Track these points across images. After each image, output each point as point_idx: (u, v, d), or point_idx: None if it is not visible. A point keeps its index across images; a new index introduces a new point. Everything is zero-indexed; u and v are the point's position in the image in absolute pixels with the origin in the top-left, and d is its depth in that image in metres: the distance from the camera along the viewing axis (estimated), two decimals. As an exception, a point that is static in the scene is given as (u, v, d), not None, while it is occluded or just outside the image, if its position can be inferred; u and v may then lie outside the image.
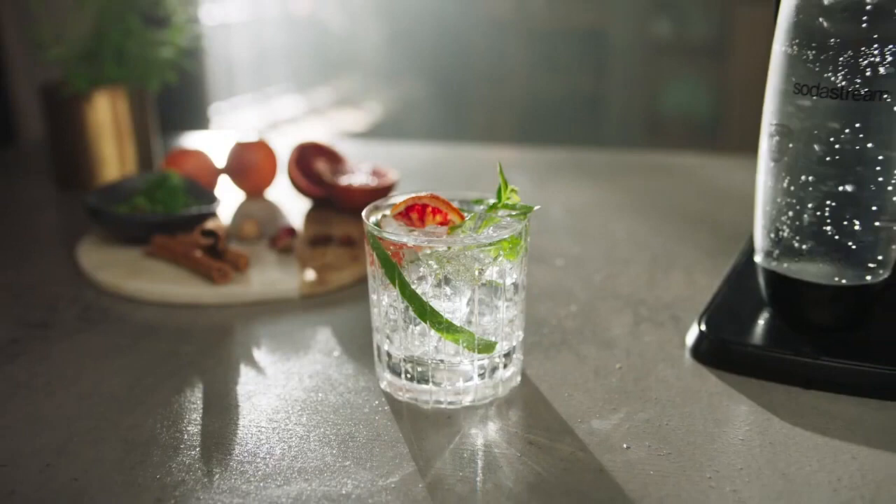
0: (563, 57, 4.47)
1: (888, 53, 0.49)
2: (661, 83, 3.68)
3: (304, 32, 4.31)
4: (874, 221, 0.53)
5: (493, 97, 3.98)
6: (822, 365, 0.54)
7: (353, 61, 4.59)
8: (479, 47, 4.67)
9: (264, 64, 3.90)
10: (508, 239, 0.51)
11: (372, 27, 4.47)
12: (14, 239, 0.86)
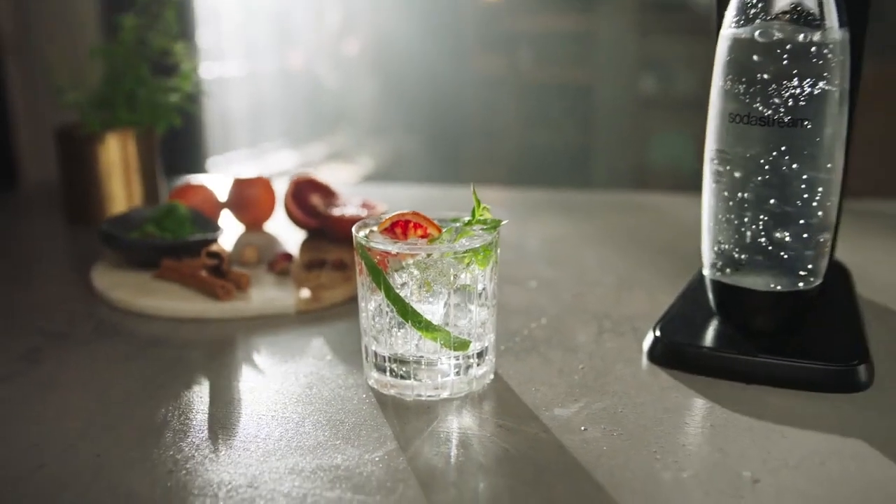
0: (552, 112, 4.59)
1: (806, 86, 0.57)
2: (648, 136, 3.79)
3: (299, 87, 4.42)
4: (803, 234, 0.60)
5: (485, 151, 4.08)
6: (761, 362, 0.61)
7: (347, 116, 4.70)
8: (471, 102, 4.79)
9: (260, 118, 4.00)
10: (480, 248, 0.58)
11: (366, 83, 4.59)
12: (31, 265, 0.93)
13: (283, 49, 4.21)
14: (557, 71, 4.60)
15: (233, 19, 3.68)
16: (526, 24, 4.57)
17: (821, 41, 0.57)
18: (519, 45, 4.65)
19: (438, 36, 4.47)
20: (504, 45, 4.66)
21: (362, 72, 4.58)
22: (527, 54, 4.69)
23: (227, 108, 3.53)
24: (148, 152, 1.08)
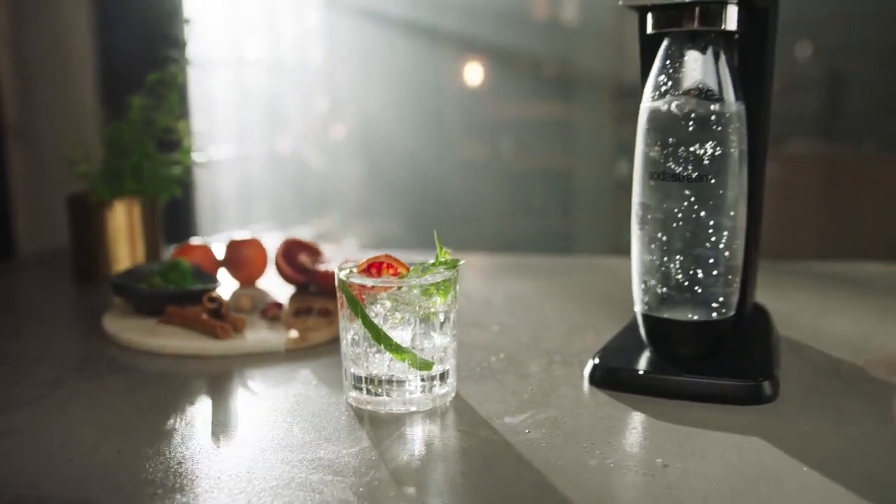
0: (533, 197, 4.76)
1: (709, 148, 0.69)
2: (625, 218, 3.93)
3: (287, 170, 4.58)
4: (713, 272, 0.72)
5: (467, 234, 4.22)
6: (684, 381, 0.72)
7: (333, 198, 4.85)
8: (453, 187, 4.95)
9: (249, 199, 4.15)
10: (441, 283, 0.69)
11: (351, 166, 4.75)
12: (45, 316, 1.03)
13: (273, 133, 4.38)
14: (538, 157, 4.79)
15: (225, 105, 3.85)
16: (507, 111, 4.77)
17: (720, 112, 0.70)
18: (500, 132, 4.85)
19: (422, 122, 4.66)
20: (486, 132, 4.86)
21: (348, 156, 4.75)
22: (508, 141, 4.88)
23: (217, 190, 3.67)
24: (151, 219, 1.20)
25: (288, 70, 4.46)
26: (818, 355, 0.84)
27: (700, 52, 0.71)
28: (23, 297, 1.18)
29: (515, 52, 4.71)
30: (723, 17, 0.70)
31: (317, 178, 4.67)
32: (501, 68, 4.73)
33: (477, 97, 4.86)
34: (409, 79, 4.59)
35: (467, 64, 4.78)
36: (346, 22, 4.61)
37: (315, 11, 4.61)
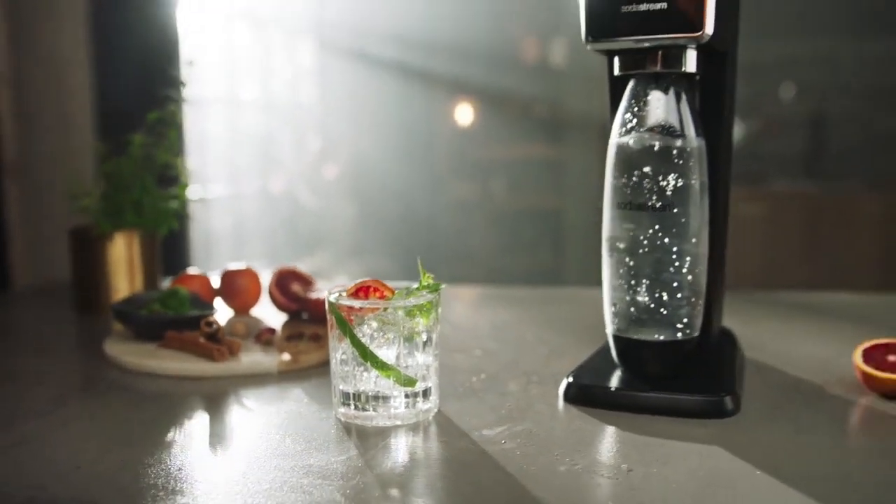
0: (524, 236, 4.82)
1: (672, 180, 0.75)
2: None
3: (280, 209, 4.64)
4: (676, 294, 0.77)
5: (458, 274, 4.27)
6: (652, 397, 0.77)
7: (325, 237, 4.90)
8: (445, 226, 5.02)
9: (241, 237, 4.20)
10: (424, 305, 0.74)
11: (343, 206, 4.81)
12: (47, 342, 1.08)
13: (266, 172, 4.44)
14: (528, 196, 4.87)
15: (219, 143, 3.92)
16: (498, 151, 4.85)
17: (681, 147, 0.76)
18: (491, 172, 4.92)
19: (414, 162, 4.73)
20: (477, 172, 4.93)
21: (340, 195, 4.81)
22: (499, 180, 4.96)
23: (211, 227, 3.72)
24: (150, 251, 1.25)
25: (281, 110, 4.54)
26: (781, 375, 0.89)
27: (663, 93, 0.77)
28: (24, 325, 1.22)
29: (506, 94, 4.80)
30: (683, 60, 0.76)
31: (309, 217, 4.73)
32: (492, 110, 4.82)
33: (468, 138, 4.94)
34: (400, 119, 4.67)
35: (458, 105, 4.87)
36: (338, 63, 4.71)
37: (308, 53, 4.70)
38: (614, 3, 0.74)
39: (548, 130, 4.57)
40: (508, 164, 4.86)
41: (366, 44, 4.61)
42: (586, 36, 0.76)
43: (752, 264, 3.96)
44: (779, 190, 4.11)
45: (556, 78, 4.42)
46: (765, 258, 3.96)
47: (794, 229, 3.97)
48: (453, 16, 4.52)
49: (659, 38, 0.73)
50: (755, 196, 4.08)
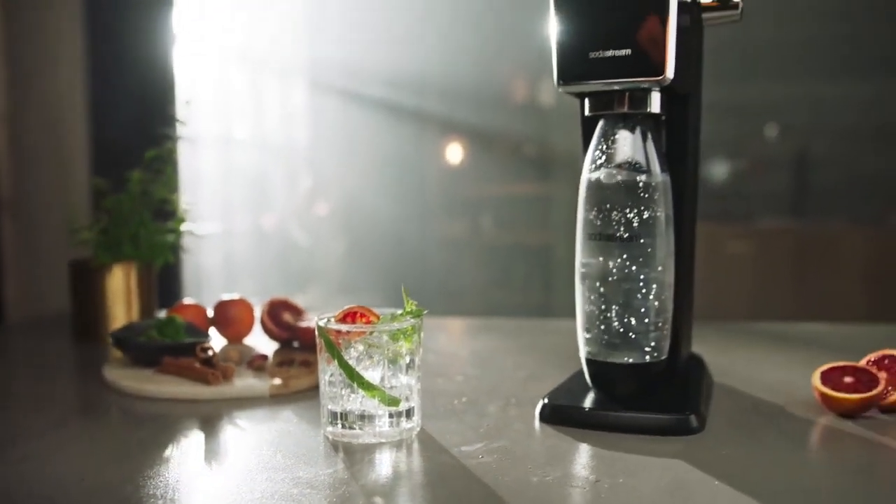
0: (513, 272, 4.87)
1: (636, 214, 0.81)
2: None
3: (271, 246, 4.68)
4: (644, 319, 0.82)
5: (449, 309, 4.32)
6: (623, 416, 0.82)
7: (317, 275, 4.94)
8: (435, 263, 5.06)
9: (232, 274, 4.24)
10: (407, 329, 0.79)
11: (334, 243, 4.86)
12: (48, 369, 1.12)
13: (258, 209, 4.50)
14: (517, 233, 4.93)
15: (212, 181, 3.97)
16: (488, 189, 4.92)
17: (647, 182, 0.82)
18: (481, 209, 4.99)
19: (404, 200, 4.80)
20: (467, 209, 5.00)
21: (332, 232, 4.87)
22: (488, 217, 5.03)
23: (203, 264, 3.76)
24: (146, 282, 1.30)
25: (273, 148, 4.61)
26: (746, 398, 0.94)
27: (630, 132, 0.83)
28: (22, 354, 1.27)
29: (495, 133, 4.88)
30: (648, 102, 0.82)
31: (300, 253, 4.77)
32: (481, 148, 4.90)
33: (458, 176, 5.01)
34: (391, 158, 4.75)
35: (448, 144, 4.95)
36: (330, 103, 4.79)
37: (300, 93, 4.79)
38: (583, 50, 0.80)
39: (536, 168, 4.65)
40: (497, 201, 4.93)
41: (357, 84, 4.69)
42: (558, 80, 0.82)
43: (741, 299, 4.03)
44: (765, 227, 4.19)
45: (543, 117, 4.51)
46: (753, 293, 4.02)
47: (780, 265, 4.05)
48: (443, 57, 4.62)
49: (624, 81, 0.79)
50: (743, 233, 4.16)
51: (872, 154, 4.21)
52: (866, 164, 4.23)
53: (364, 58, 4.63)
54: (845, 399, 0.84)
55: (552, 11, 0.82)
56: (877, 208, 4.14)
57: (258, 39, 4.36)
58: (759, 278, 4.06)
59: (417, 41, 4.59)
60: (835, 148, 4.32)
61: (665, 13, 0.76)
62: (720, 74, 4.44)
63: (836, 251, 3.96)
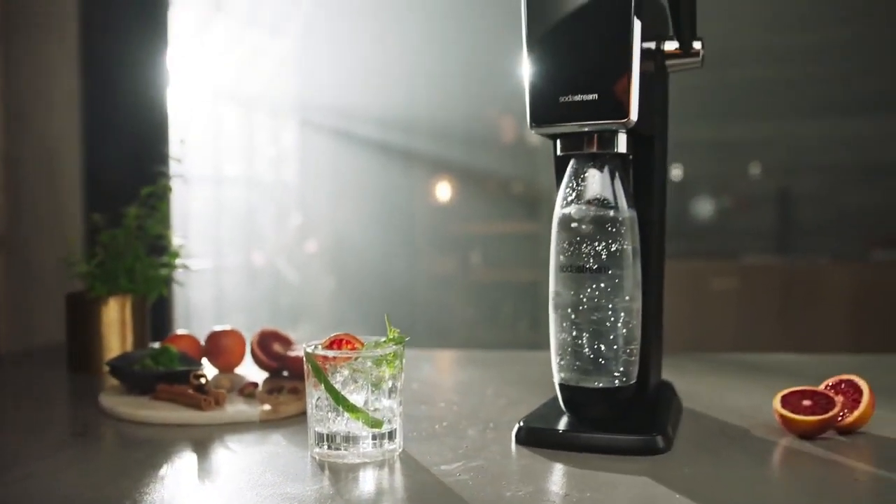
0: (501, 309, 4.92)
1: (604, 246, 0.86)
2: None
3: (261, 283, 4.72)
4: (613, 346, 0.88)
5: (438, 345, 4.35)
6: (594, 437, 0.86)
7: (306, 311, 4.97)
8: (423, 299, 5.10)
9: (222, 311, 4.27)
10: (389, 355, 0.84)
11: (323, 280, 4.90)
12: (45, 396, 1.16)
13: (248, 247, 4.54)
14: (506, 270, 4.98)
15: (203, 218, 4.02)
16: (476, 227, 4.98)
17: (614, 217, 0.87)
18: (469, 246, 5.04)
19: (393, 237, 4.85)
20: (455, 246, 5.05)
21: (321, 269, 4.91)
22: (476, 254, 5.08)
23: (194, 300, 3.80)
24: (140, 314, 1.34)
25: (264, 186, 4.67)
26: (712, 421, 0.99)
27: (598, 170, 0.89)
28: (19, 383, 1.30)
29: (484, 172, 4.96)
30: (615, 143, 0.88)
31: (290, 290, 4.81)
32: (470, 186, 4.97)
33: (447, 213, 5.08)
34: (380, 196, 4.81)
35: (437, 182, 5.02)
36: (320, 141, 4.86)
37: (291, 131, 4.86)
38: (553, 94, 0.86)
39: (524, 206, 4.72)
40: (486, 239, 4.99)
41: (347, 123, 4.77)
42: (531, 122, 0.88)
43: (727, 333, 4.09)
44: (750, 263, 4.27)
45: (531, 156, 4.59)
46: (739, 327, 4.09)
47: (766, 300, 4.12)
48: (432, 97, 4.71)
49: (591, 123, 0.85)
50: (728, 270, 4.23)
51: (854, 191, 4.30)
52: (848, 201, 4.32)
53: (354, 98, 4.71)
54: (803, 421, 0.89)
55: (524, 58, 0.88)
56: (859, 244, 4.23)
57: (250, 80, 4.44)
58: (745, 313, 4.13)
59: (407, 81, 4.68)
60: (817, 185, 4.41)
61: (629, 60, 0.83)
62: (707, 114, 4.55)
63: (820, 286, 4.04)
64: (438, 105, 4.73)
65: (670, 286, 3.10)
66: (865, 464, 0.83)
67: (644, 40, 0.85)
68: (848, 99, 4.25)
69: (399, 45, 4.72)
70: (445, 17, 4.64)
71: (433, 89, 4.73)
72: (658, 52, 0.91)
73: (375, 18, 4.65)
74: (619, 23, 0.83)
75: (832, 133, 4.31)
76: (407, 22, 4.68)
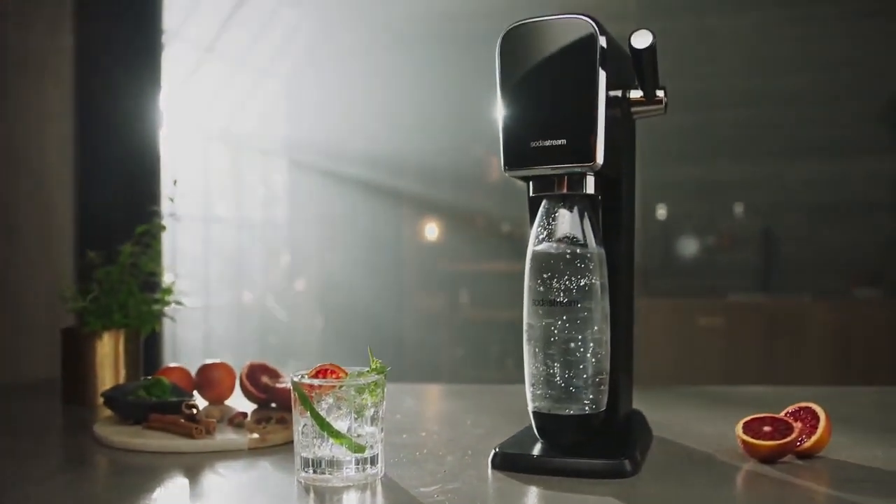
0: (489, 346, 4.95)
1: (575, 282, 0.92)
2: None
3: (250, 321, 4.75)
4: (582, 375, 0.93)
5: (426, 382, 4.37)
6: (566, 461, 0.91)
7: (294, 349, 4.99)
8: (411, 338, 5.13)
9: (211, 348, 4.29)
10: (372, 384, 0.90)
11: (312, 318, 4.93)
12: (41, 427, 1.21)
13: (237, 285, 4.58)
14: (493, 308, 5.03)
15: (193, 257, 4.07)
16: (464, 265, 5.03)
17: (583, 254, 0.93)
18: (457, 285, 5.09)
19: (381, 276, 4.89)
20: (444, 285, 5.09)
21: (309, 308, 4.94)
22: (465, 293, 5.13)
23: (181, 337, 3.83)
24: (133, 349, 1.39)
25: (253, 226, 4.72)
26: (680, 448, 1.04)
27: (568, 210, 0.95)
28: (14, 414, 1.34)
29: (472, 211, 5.03)
30: (584, 185, 0.94)
31: (279, 329, 4.84)
32: (458, 226, 5.04)
33: (435, 252, 5.13)
34: (369, 235, 4.87)
35: (425, 221, 5.08)
36: (309, 182, 4.92)
37: (280, 172, 4.92)
38: (525, 139, 0.92)
39: (512, 245, 4.78)
40: (474, 277, 5.04)
41: (335, 164, 4.83)
42: (504, 166, 0.94)
43: (713, 368, 4.15)
44: (735, 301, 4.34)
45: (519, 195, 4.65)
46: (725, 363, 4.16)
47: (750, 337, 4.19)
48: (420, 138, 4.79)
49: (560, 167, 0.91)
50: (713, 308, 4.31)
51: (836, 230, 4.39)
52: (831, 240, 4.41)
53: (343, 138, 4.78)
54: (763, 445, 0.95)
55: (498, 105, 0.95)
56: (842, 282, 4.31)
57: (241, 121, 4.51)
58: (730, 350, 4.20)
59: (395, 122, 4.76)
60: (800, 224, 4.50)
61: (594, 108, 0.89)
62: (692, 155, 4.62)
63: (804, 323, 4.12)
64: (426, 145, 4.81)
65: (657, 323, 3.25)
66: (822, 486, 0.89)
67: (610, 89, 0.92)
68: (830, 141, 4.36)
69: (387, 86, 4.81)
70: (433, 58, 4.74)
71: (421, 130, 4.81)
72: (624, 99, 0.97)
73: (364, 61, 4.74)
74: (585, 73, 0.90)
75: (815, 174, 4.42)
76: (395, 64, 4.77)
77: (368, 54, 4.74)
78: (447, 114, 4.72)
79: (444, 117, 4.75)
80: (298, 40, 4.90)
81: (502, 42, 0.95)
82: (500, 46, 0.95)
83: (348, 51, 4.79)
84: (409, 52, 4.80)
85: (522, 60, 0.93)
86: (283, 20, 4.69)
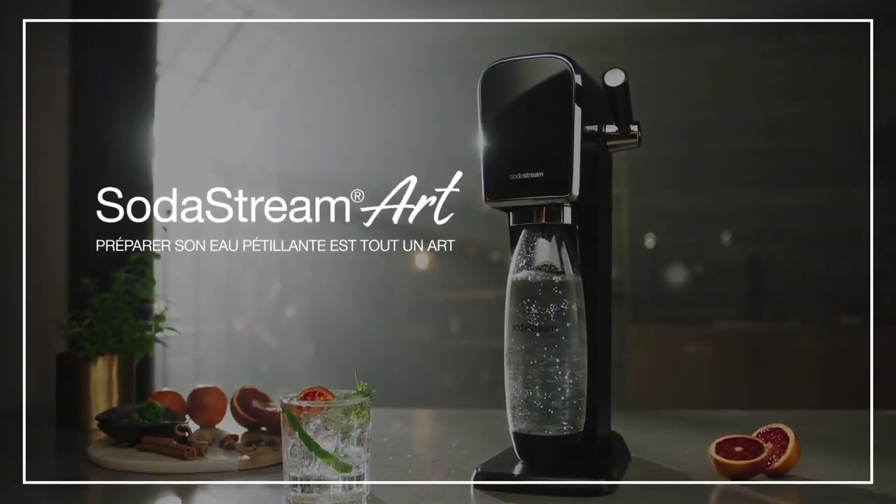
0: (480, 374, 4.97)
1: (553, 308, 0.96)
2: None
3: (240, 349, 4.76)
4: (560, 398, 0.97)
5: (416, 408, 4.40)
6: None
7: (285, 376, 5.01)
8: (401, 365, 5.15)
9: (202, 374, 4.31)
10: (358, 405, 0.93)
11: (302, 346, 4.95)
12: (36, 450, 1.23)
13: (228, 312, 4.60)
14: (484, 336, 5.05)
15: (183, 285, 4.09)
16: (454, 294, 5.06)
17: (561, 282, 0.98)
18: (448, 313, 5.12)
19: (371, 305, 4.92)
20: (434, 313, 5.13)
21: (299, 335, 4.97)
22: (455, 321, 5.16)
23: (172, 364, 3.85)
24: (127, 374, 1.42)
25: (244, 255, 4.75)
26: (657, 468, 1.08)
27: (547, 239, 0.99)
28: (8, 438, 1.37)
29: (462, 240, 5.07)
30: (561, 215, 0.98)
31: (269, 357, 4.86)
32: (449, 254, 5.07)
33: (425, 281, 5.16)
34: (359, 263, 4.90)
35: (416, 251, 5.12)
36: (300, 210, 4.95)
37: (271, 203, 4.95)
38: (504, 172, 0.97)
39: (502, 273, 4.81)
40: (464, 306, 5.07)
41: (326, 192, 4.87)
42: (485, 197, 0.99)
43: (702, 395, 4.19)
44: (722, 328, 4.39)
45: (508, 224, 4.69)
46: (713, 390, 4.20)
47: (738, 364, 4.24)
48: (410, 166, 4.84)
49: (538, 198, 0.96)
50: (701, 336, 4.35)
51: (822, 259, 4.45)
52: (816, 269, 4.47)
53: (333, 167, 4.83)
54: (734, 465, 0.99)
55: (480, 139, 0.99)
56: (827, 310, 4.37)
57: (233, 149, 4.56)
58: (719, 376, 4.24)
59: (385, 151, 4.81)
60: (787, 253, 4.56)
61: (570, 142, 0.94)
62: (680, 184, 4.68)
63: (790, 350, 4.17)
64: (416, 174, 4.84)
65: (646, 351, 3.31)
66: (790, 503, 0.93)
67: (587, 124, 0.97)
68: (815, 170, 4.43)
69: (377, 115, 4.86)
70: (423, 88, 4.81)
71: (411, 159, 4.86)
72: (600, 134, 1.02)
73: (355, 91, 4.80)
74: (561, 109, 0.95)
75: (801, 203, 4.49)
76: (385, 94, 4.83)
77: (359, 84, 4.80)
78: (437, 143, 4.77)
79: (435, 146, 4.81)
80: (290, 71, 4.96)
81: (483, 79, 1.00)
82: (481, 83, 1.00)
83: (340, 81, 4.85)
84: (400, 81, 4.87)
85: (503, 97, 0.98)
86: (276, 51, 4.75)
